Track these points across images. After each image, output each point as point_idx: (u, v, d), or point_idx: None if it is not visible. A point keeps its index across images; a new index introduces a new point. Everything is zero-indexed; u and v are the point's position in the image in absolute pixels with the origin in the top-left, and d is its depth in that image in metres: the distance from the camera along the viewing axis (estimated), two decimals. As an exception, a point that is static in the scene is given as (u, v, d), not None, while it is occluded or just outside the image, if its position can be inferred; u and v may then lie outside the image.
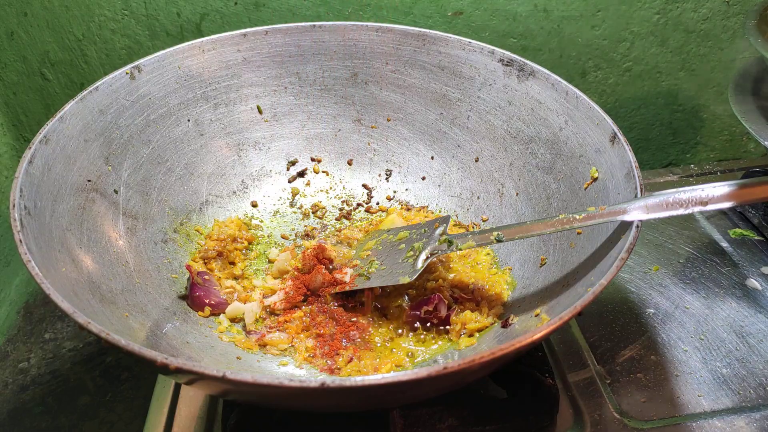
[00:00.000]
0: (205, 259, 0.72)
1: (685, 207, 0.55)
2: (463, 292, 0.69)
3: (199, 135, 0.78)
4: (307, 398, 0.46)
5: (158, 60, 0.74)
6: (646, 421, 0.62)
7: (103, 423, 0.75)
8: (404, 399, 0.55)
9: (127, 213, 0.68)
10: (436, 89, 0.80)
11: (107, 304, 0.57)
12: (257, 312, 0.67)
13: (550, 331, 0.45)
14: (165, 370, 0.43)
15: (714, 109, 1.04)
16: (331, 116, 0.84)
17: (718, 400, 0.64)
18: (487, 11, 0.91)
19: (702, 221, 0.87)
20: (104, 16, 0.90)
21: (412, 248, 0.68)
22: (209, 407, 0.65)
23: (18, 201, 0.54)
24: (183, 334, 0.62)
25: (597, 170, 0.65)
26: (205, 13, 0.90)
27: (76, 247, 0.59)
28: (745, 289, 0.77)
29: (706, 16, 0.94)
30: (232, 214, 0.79)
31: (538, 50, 0.95)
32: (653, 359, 0.69)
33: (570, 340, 0.71)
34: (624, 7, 0.92)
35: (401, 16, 0.92)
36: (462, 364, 0.42)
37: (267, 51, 0.80)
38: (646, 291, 0.77)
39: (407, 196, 0.83)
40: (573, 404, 0.64)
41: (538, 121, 0.73)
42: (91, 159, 0.66)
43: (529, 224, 0.61)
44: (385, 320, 0.67)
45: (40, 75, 0.95)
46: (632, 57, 0.97)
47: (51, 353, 0.83)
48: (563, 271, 0.63)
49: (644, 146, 1.07)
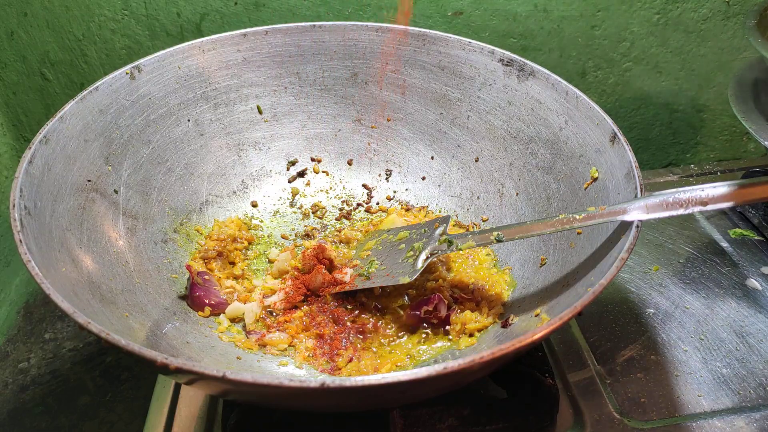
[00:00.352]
0: (205, 259, 0.72)
1: (685, 207, 0.55)
2: (463, 292, 0.69)
3: (199, 135, 0.78)
4: (307, 398, 0.46)
5: (158, 60, 0.74)
6: (646, 421, 0.62)
7: (103, 423, 0.75)
8: (404, 399, 0.55)
9: (127, 213, 0.68)
10: (436, 89, 0.80)
11: (107, 304, 0.57)
12: (257, 312, 0.67)
13: (550, 331, 0.45)
14: (165, 370, 0.43)
15: (714, 109, 1.04)
16: (331, 116, 0.84)
17: (718, 400, 0.64)
18: (487, 11, 0.91)
19: (702, 221, 0.87)
20: (104, 16, 0.90)
21: (412, 248, 0.68)
22: (209, 407, 0.65)
23: (18, 201, 0.54)
24: (183, 334, 0.62)
25: (597, 170, 0.65)
26: (205, 13, 0.90)
27: (76, 247, 0.59)
28: (745, 289, 0.77)
29: (706, 16, 0.94)
30: (232, 214, 0.79)
31: (538, 50, 0.95)
32: (653, 359, 0.69)
33: (570, 340, 0.71)
34: (624, 7, 0.92)
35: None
36: (462, 364, 0.42)
37: (267, 51, 0.80)
38: (646, 291, 0.77)
39: (407, 196, 0.83)
40: (573, 404, 0.64)
41: (538, 121, 0.73)
42: (91, 159, 0.66)
43: (529, 224, 0.61)
44: (386, 320, 0.67)
45: (40, 75, 0.95)
46: (632, 57, 0.97)
47: (51, 353, 0.83)
48: (563, 271, 0.63)
49: (644, 146, 1.07)
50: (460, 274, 0.72)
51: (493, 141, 0.77)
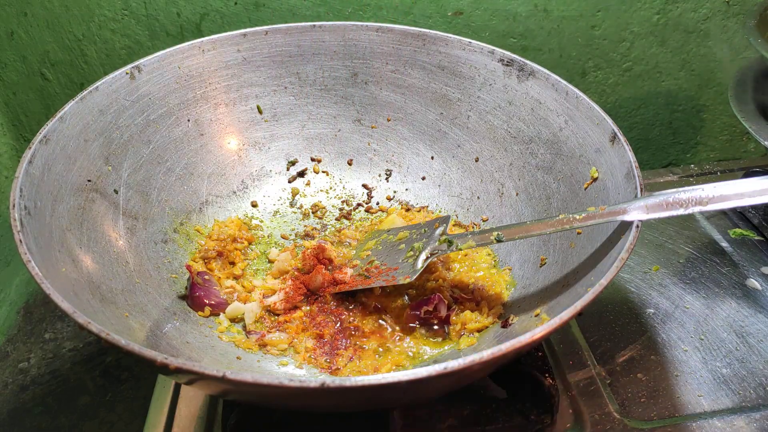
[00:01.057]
0: (205, 259, 0.72)
1: (685, 207, 0.55)
2: (463, 292, 0.69)
3: (199, 135, 0.78)
4: (307, 398, 0.46)
5: (158, 60, 0.74)
6: (646, 421, 0.62)
7: (103, 423, 0.75)
8: (404, 399, 0.55)
9: (127, 213, 0.68)
10: (436, 89, 0.80)
11: (107, 304, 0.57)
12: (257, 312, 0.67)
13: (550, 331, 0.45)
14: (165, 370, 0.43)
15: (714, 109, 1.04)
16: (331, 116, 0.84)
17: (718, 400, 0.64)
18: (487, 11, 0.91)
19: (702, 221, 0.87)
20: (104, 16, 0.90)
21: (412, 248, 0.68)
22: (209, 407, 0.65)
23: (18, 201, 0.54)
24: (183, 334, 0.62)
25: (597, 170, 0.65)
26: (205, 13, 0.90)
27: (76, 247, 0.59)
28: (745, 289, 0.77)
29: (706, 16, 0.94)
30: (232, 214, 0.79)
31: (538, 50, 0.95)
32: (653, 359, 0.69)
33: (570, 340, 0.71)
34: (624, 7, 0.92)
35: (401, 16, 0.92)
36: (462, 364, 0.42)
37: (267, 51, 0.80)
38: (646, 291, 0.77)
39: (407, 196, 0.83)
40: (573, 404, 0.64)
41: (538, 121, 0.73)
42: (91, 159, 0.66)
43: (529, 224, 0.61)
44: (386, 320, 0.67)
45: (40, 75, 0.95)
46: (632, 57, 0.97)
47: (51, 353, 0.83)
48: (563, 271, 0.63)
49: (644, 146, 1.07)
50: (460, 274, 0.72)
51: (493, 141, 0.77)
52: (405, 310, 0.67)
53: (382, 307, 0.68)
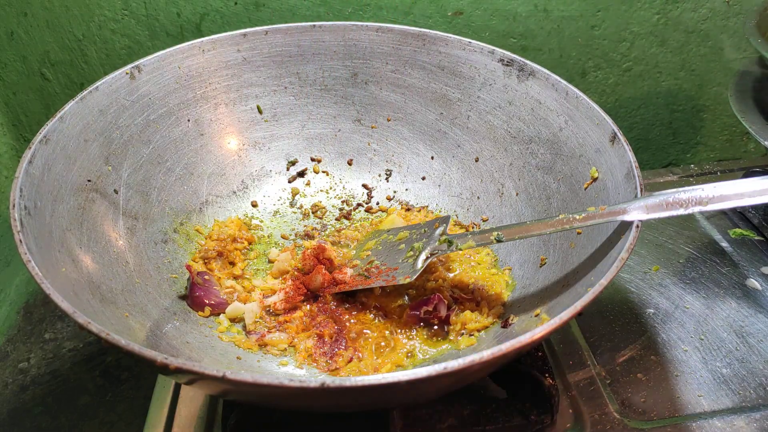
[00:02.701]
0: (205, 259, 0.72)
1: (685, 207, 0.55)
2: (463, 292, 0.69)
3: (199, 135, 0.78)
4: (307, 398, 0.46)
5: (158, 60, 0.74)
6: (646, 421, 0.62)
7: (103, 423, 0.75)
8: (404, 399, 0.55)
9: (127, 213, 0.68)
10: (436, 89, 0.80)
11: (107, 304, 0.57)
12: (257, 312, 0.67)
13: (550, 331, 0.45)
14: (165, 370, 0.43)
15: (714, 109, 1.04)
16: (331, 116, 0.84)
17: (718, 400, 0.64)
18: (487, 11, 0.91)
19: (702, 221, 0.87)
20: (104, 16, 0.90)
21: (412, 248, 0.68)
22: (209, 407, 0.65)
23: (18, 201, 0.54)
24: (183, 334, 0.62)
25: (597, 170, 0.65)
26: (205, 13, 0.90)
27: (76, 247, 0.59)
28: (745, 289, 0.77)
29: (706, 16, 0.94)
30: (232, 214, 0.79)
31: (538, 50, 0.95)
32: (653, 359, 0.69)
33: (570, 340, 0.71)
34: (624, 7, 0.92)
35: (401, 16, 0.92)
36: (462, 364, 0.42)
37: (267, 51, 0.80)
38: (646, 291, 0.77)
39: (407, 196, 0.83)
40: (573, 404, 0.64)
41: (538, 121, 0.73)
42: (91, 159, 0.66)
43: (529, 224, 0.61)
44: (386, 320, 0.67)
45: (40, 75, 0.95)
46: (632, 57, 0.97)
47: (51, 353, 0.83)
48: (563, 271, 0.63)
49: (644, 146, 1.07)
50: (460, 274, 0.72)
51: (493, 141, 0.77)
52: (405, 310, 0.67)
53: (382, 307, 0.68)
